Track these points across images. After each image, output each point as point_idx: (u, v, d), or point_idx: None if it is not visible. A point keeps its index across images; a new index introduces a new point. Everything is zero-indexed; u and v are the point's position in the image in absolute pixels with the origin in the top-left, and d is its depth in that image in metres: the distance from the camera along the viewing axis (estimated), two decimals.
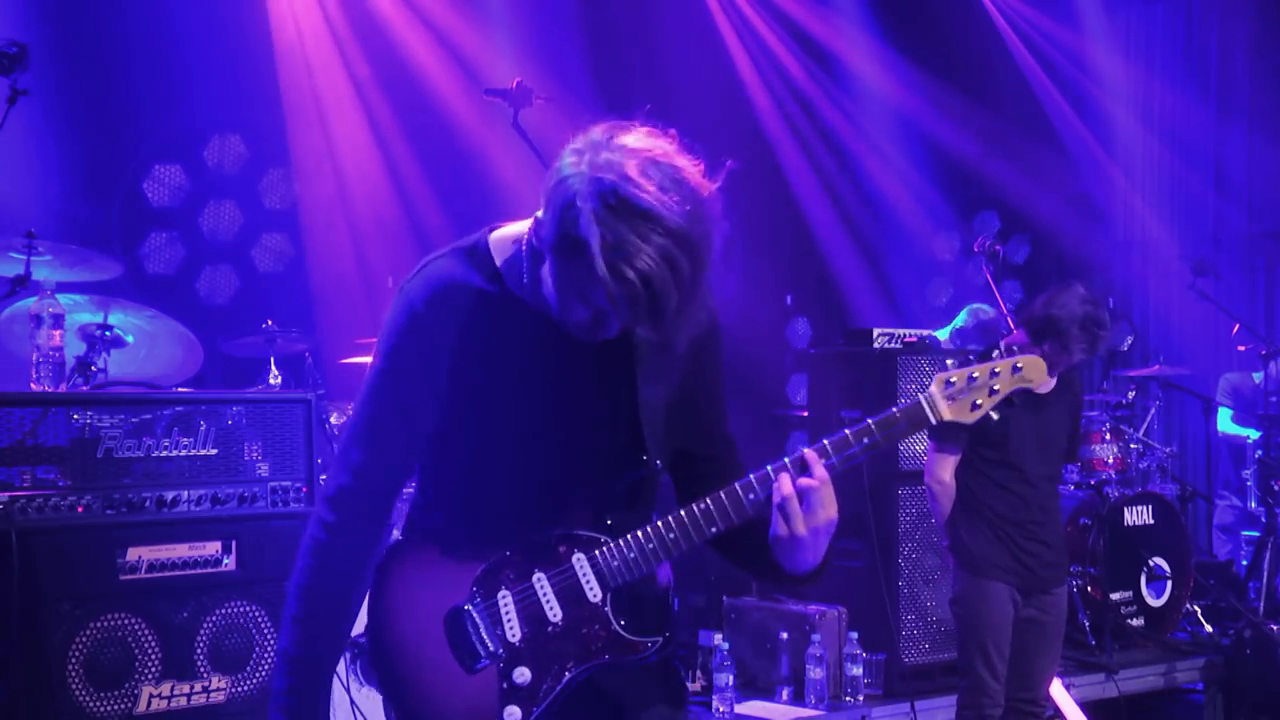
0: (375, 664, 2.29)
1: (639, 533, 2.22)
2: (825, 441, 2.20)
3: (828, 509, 2.17)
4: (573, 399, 2.26)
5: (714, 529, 2.21)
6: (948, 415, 2.22)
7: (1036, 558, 4.77)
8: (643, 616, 2.27)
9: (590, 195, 1.96)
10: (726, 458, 2.42)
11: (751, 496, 2.20)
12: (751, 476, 2.22)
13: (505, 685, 2.22)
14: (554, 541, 2.25)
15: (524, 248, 2.23)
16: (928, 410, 2.22)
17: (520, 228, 2.26)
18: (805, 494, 2.16)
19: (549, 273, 2.10)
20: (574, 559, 2.24)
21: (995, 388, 2.23)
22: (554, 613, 2.24)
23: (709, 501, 2.21)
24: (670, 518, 2.23)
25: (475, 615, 2.24)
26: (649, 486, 2.34)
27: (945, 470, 4.78)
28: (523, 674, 2.23)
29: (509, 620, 2.24)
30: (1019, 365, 2.24)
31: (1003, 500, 4.76)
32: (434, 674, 2.24)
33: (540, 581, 2.24)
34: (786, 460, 2.20)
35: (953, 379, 2.23)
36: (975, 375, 2.23)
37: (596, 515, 2.26)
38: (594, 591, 2.23)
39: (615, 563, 2.22)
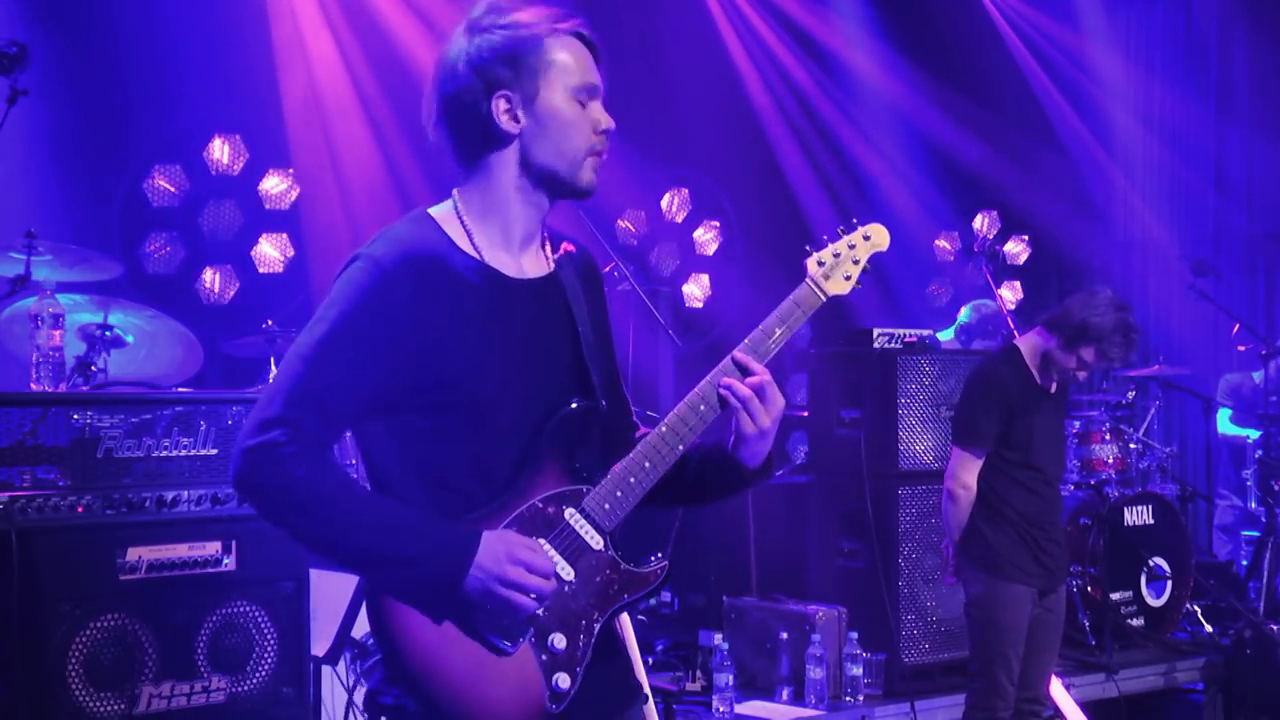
0: (407, 689, 2.22)
1: (614, 470, 2.32)
2: (746, 342, 2.38)
3: (780, 399, 2.37)
4: (527, 346, 2.33)
5: (681, 447, 2.34)
6: (831, 290, 2.45)
7: (1053, 558, 4.78)
8: (643, 548, 2.38)
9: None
10: (626, 412, 2.53)
11: (704, 408, 2.34)
12: (696, 393, 2.35)
13: (544, 657, 2.24)
14: (541, 505, 2.28)
15: (455, 205, 2.38)
16: (816, 290, 2.43)
17: (447, 204, 2.40)
18: (761, 390, 2.34)
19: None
20: (567, 515, 2.29)
21: (856, 258, 2.47)
22: (567, 572, 2.27)
23: (666, 425, 2.34)
24: (640, 448, 2.33)
25: None
26: (600, 426, 2.40)
27: (969, 473, 4.72)
28: (559, 640, 2.25)
29: None
30: (868, 235, 2.49)
31: (1027, 502, 4.74)
32: (471, 670, 2.21)
33: (544, 547, 2.26)
34: (722, 371, 2.35)
35: (823, 259, 2.46)
36: (839, 252, 2.47)
37: (565, 464, 2.32)
38: (595, 540, 2.30)
39: (606, 505, 2.30)
